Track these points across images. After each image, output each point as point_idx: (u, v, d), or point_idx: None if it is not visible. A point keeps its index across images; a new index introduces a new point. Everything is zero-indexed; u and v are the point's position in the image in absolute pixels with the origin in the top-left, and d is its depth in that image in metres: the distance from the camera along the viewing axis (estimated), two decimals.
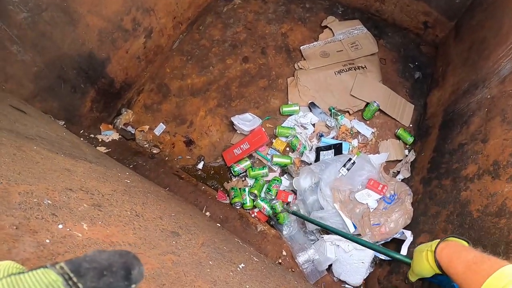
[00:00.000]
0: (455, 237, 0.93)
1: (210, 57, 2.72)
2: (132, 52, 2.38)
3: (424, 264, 0.95)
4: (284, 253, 2.03)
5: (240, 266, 1.20)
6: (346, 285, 2.00)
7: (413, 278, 1.06)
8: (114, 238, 0.82)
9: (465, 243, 0.90)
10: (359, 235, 1.90)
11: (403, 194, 1.99)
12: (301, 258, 1.97)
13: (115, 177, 1.29)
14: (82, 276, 0.31)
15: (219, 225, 1.80)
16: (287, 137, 2.38)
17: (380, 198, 2.01)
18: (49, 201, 0.77)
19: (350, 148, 2.34)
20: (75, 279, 0.30)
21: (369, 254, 1.92)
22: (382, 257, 1.93)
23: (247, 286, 1.05)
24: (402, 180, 2.25)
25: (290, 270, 1.98)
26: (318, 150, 2.30)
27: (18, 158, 0.90)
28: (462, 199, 1.54)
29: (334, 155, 2.22)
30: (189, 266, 0.94)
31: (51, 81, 1.92)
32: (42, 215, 0.71)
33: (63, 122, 2.03)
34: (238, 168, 2.24)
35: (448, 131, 2.02)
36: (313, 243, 2.03)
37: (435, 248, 0.91)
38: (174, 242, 1.03)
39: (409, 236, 1.82)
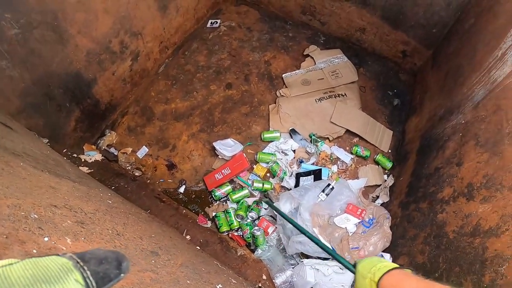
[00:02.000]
0: (399, 267, 0.90)
1: (194, 82, 2.76)
2: (118, 74, 2.43)
3: None
4: (264, 277, 2.04)
5: (218, 287, 1.22)
6: None
7: None
8: None
9: (409, 271, 0.89)
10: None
11: (382, 218, 2.04)
12: (279, 279, 1.99)
13: (97, 197, 1.31)
14: (87, 262, 0.40)
15: (198, 248, 1.81)
16: (267, 163, 2.41)
17: (359, 222, 2.05)
18: (35, 215, 0.80)
19: (330, 174, 2.37)
20: (81, 263, 0.39)
21: (349, 278, 1.93)
22: None
23: None
24: (381, 204, 2.30)
25: None
26: (298, 176, 2.33)
27: (6, 173, 0.92)
28: (438, 221, 1.59)
29: (314, 180, 2.26)
30: (167, 284, 0.96)
31: (38, 98, 1.94)
32: (29, 228, 0.74)
33: (47, 140, 2.03)
34: (219, 192, 2.26)
35: (425, 156, 2.08)
36: (293, 267, 2.05)
37: (379, 280, 0.89)
38: (153, 261, 1.05)
39: (388, 258, 1.85)
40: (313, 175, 2.30)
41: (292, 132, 2.53)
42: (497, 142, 1.41)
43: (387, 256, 1.86)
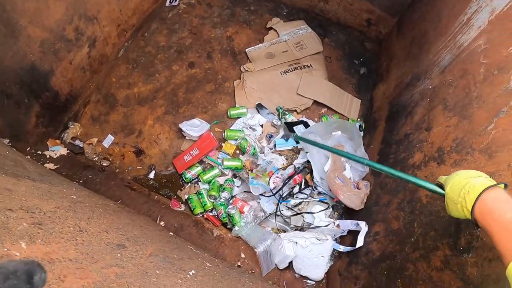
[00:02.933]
0: (491, 187, 0.83)
1: (156, 64, 2.69)
2: (76, 63, 2.33)
3: (462, 215, 0.89)
4: (242, 255, 2.04)
5: (190, 273, 1.21)
6: (308, 281, 2.03)
7: (454, 216, 0.96)
8: (54, 255, 0.82)
9: (502, 189, 0.83)
10: None
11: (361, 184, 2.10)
12: (260, 248, 2.01)
13: (59, 194, 1.28)
14: None
15: (171, 233, 1.79)
16: (236, 139, 2.39)
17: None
18: None
19: None
20: None
21: (328, 247, 1.96)
22: (341, 248, 1.97)
23: None
24: None
25: (249, 271, 1.99)
26: (289, 125, 2.37)
27: None
28: (411, 187, 1.59)
29: (305, 127, 2.37)
30: (134, 277, 0.94)
31: None
32: None
33: (8, 140, 1.97)
34: (189, 174, 2.24)
35: (394, 123, 2.08)
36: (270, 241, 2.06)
37: (473, 207, 0.83)
38: (119, 254, 1.03)
39: (363, 226, 1.87)
40: (302, 124, 2.37)
41: (259, 107, 2.51)
42: (466, 105, 1.41)
43: (363, 223, 1.87)
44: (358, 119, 2.59)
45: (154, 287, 0.95)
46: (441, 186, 1.01)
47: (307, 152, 2.16)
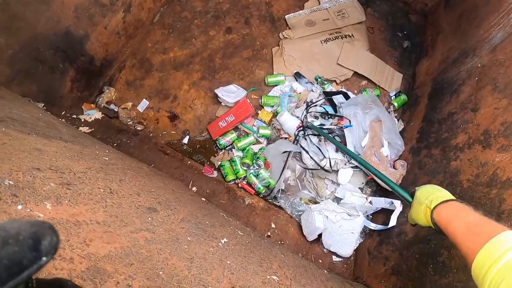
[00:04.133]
0: (457, 200, 0.91)
1: (192, 29, 2.63)
2: (111, 28, 2.29)
3: (421, 217, 0.96)
4: (273, 225, 2.02)
5: (222, 241, 1.17)
6: (335, 257, 1.99)
7: (411, 222, 1.07)
8: (81, 217, 0.78)
9: (467, 205, 0.88)
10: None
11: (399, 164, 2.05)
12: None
13: (91, 155, 1.25)
14: None
15: (204, 199, 1.76)
16: (272, 106, 2.33)
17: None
18: (10, 182, 0.74)
19: None
20: None
21: (358, 224, 1.91)
22: (372, 226, 1.92)
23: (228, 262, 1.02)
24: None
25: (279, 242, 1.96)
26: (329, 95, 2.33)
27: None
28: (452, 169, 1.53)
29: (345, 98, 2.33)
30: (164, 243, 0.90)
31: (28, 63, 1.85)
32: (0, 197, 0.67)
33: (43, 104, 1.97)
34: (223, 141, 2.20)
35: (437, 101, 1.99)
36: (301, 214, 2.01)
37: (434, 208, 0.91)
38: (149, 218, 0.99)
39: (398, 206, 1.81)
40: (342, 94, 2.34)
41: (297, 76, 2.43)
42: None
43: (398, 203, 1.83)
44: (400, 92, 2.48)
45: (185, 254, 0.91)
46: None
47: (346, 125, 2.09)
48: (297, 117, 2.28)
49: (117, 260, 0.73)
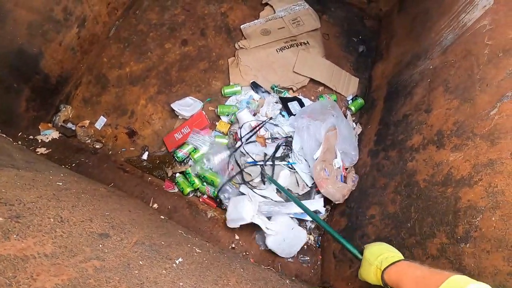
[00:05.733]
0: (405, 260, 0.97)
1: (148, 43, 2.62)
2: (65, 44, 2.26)
3: (371, 277, 1.01)
4: (237, 237, 2.03)
5: (177, 262, 1.17)
6: (303, 263, 2.02)
7: (361, 279, 1.11)
8: (29, 251, 0.78)
9: (414, 262, 0.94)
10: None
11: (350, 178, 2.08)
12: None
13: (44, 182, 1.23)
14: None
15: (163, 217, 1.75)
16: (227, 115, 2.35)
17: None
18: None
19: None
20: None
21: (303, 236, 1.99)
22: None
23: (181, 284, 1.02)
24: None
25: (243, 253, 1.97)
26: (284, 101, 2.35)
27: None
28: (408, 170, 1.56)
29: (300, 106, 2.36)
30: (114, 271, 0.90)
31: None
32: None
33: None
34: (181, 153, 2.19)
35: (392, 103, 2.04)
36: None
37: (384, 270, 0.95)
38: (100, 245, 0.99)
39: (323, 212, 1.98)
40: (296, 101, 2.37)
41: (254, 85, 2.45)
42: (468, 88, 1.37)
43: (323, 210, 1.90)
44: (357, 96, 2.53)
45: (135, 280, 0.91)
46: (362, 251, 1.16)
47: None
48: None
49: None
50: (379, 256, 1.02)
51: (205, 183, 2.15)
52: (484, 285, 0.72)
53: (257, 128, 2.20)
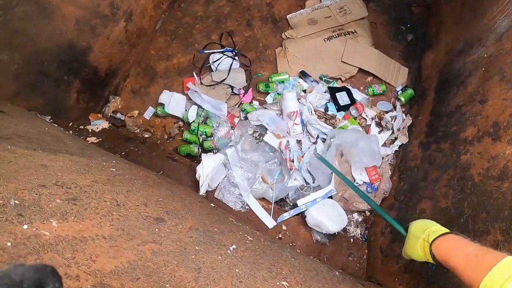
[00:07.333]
0: (453, 233, 0.93)
1: (194, 34, 2.63)
2: (113, 38, 2.29)
3: (418, 252, 0.98)
4: (284, 227, 2.00)
5: (231, 248, 1.16)
6: (350, 257, 1.97)
7: (406, 257, 1.09)
8: (87, 233, 0.78)
9: (464, 237, 0.90)
10: None
11: (382, 191, 2.08)
12: None
13: (98, 167, 1.25)
14: None
15: (212, 205, 1.75)
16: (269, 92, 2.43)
17: (365, 183, 2.09)
18: (16, 201, 0.74)
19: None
20: None
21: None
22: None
23: (237, 270, 1.00)
24: (400, 146, 2.24)
25: (290, 244, 1.95)
26: (333, 91, 2.34)
27: None
28: (462, 163, 1.50)
29: (348, 96, 2.34)
30: (171, 255, 0.90)
31: (33, 77, 1.86)
32: (6, 217, 0.67)
33: (49, 117, 1.97)
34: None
35: (444, 93, 1.97)
36: None
37: (432, 241, 0.92)
38: (157, 229, 0.99)
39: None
40: (345, 91, 2.34)
41: (303, 74, 2.42)
42: None
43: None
44: (407, 86, 2.46)
45: (192, 265, 0.90)
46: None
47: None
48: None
49: (123, 275, 0.72)
50: (426, 230, 0.98)
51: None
52: None
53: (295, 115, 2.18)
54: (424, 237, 0.96)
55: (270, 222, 1.97)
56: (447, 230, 0.94)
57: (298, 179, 2.08)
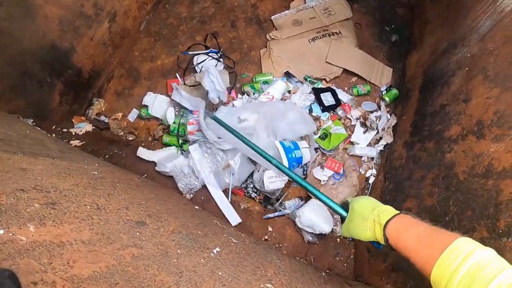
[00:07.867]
0: (404, 212, 0.89)
1: (178, 36, 2.62)
2: (97, 39, 2.27)
3: (366, 233, 0.93)
4: (270, 228, 2.01)
5: (215, 251, 1.14)
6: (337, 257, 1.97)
7: (347, 236, 1.06)
8: (65, 238, 0.76)
9: (415, 217, 0.87)
10: None
11: (350, 169, 2.09)
12: None
13: (80, 171, 1.22)
14: None
15: (197, 207, 1.73)
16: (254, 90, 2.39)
17: (331, 175, 2.09)
18: None
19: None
20: None
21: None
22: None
23: (220, 273, 0.99)
24: (385, 146, 2.24)
25: (276, 245, 1.95)
26: (317, 92, 2.32)
27: None
28: (447, 161, 1.51)
29: (333, 96, 2.32)
30: (152, 259, 0.88)
31: (15, 79, 1.82)
32: None
33: (32, 120, 1.94)
34: None
35: (428, 93, 1.98)
36: None
37: (386, 223, 0.87)
38: (138, 233, 0.97)
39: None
40: (330, 92, 2.33)
41: (287, 75, 2.42)
42: (509, 76, 1.32)
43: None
44: (391, 86, 2.48)
45: (174, 269, 0.88)
46: (346, 205, 1.08)
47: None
48: None
49: (101, 281, 0.70)
50: (374, 210, 0.94)
51: None
52: (489, 250, 0.68)
53: None
54: (374, 218, 0.92)
55: (234, 219, 1.99)
56: (396, 211, 0.90)
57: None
